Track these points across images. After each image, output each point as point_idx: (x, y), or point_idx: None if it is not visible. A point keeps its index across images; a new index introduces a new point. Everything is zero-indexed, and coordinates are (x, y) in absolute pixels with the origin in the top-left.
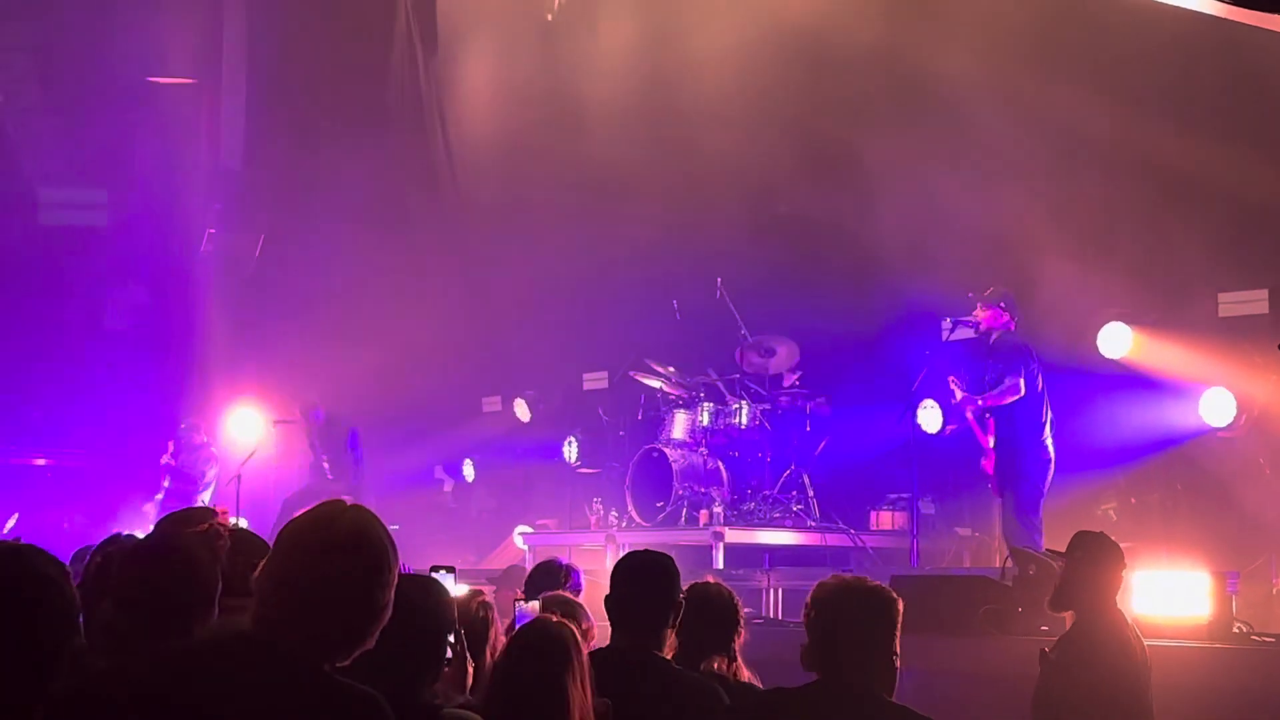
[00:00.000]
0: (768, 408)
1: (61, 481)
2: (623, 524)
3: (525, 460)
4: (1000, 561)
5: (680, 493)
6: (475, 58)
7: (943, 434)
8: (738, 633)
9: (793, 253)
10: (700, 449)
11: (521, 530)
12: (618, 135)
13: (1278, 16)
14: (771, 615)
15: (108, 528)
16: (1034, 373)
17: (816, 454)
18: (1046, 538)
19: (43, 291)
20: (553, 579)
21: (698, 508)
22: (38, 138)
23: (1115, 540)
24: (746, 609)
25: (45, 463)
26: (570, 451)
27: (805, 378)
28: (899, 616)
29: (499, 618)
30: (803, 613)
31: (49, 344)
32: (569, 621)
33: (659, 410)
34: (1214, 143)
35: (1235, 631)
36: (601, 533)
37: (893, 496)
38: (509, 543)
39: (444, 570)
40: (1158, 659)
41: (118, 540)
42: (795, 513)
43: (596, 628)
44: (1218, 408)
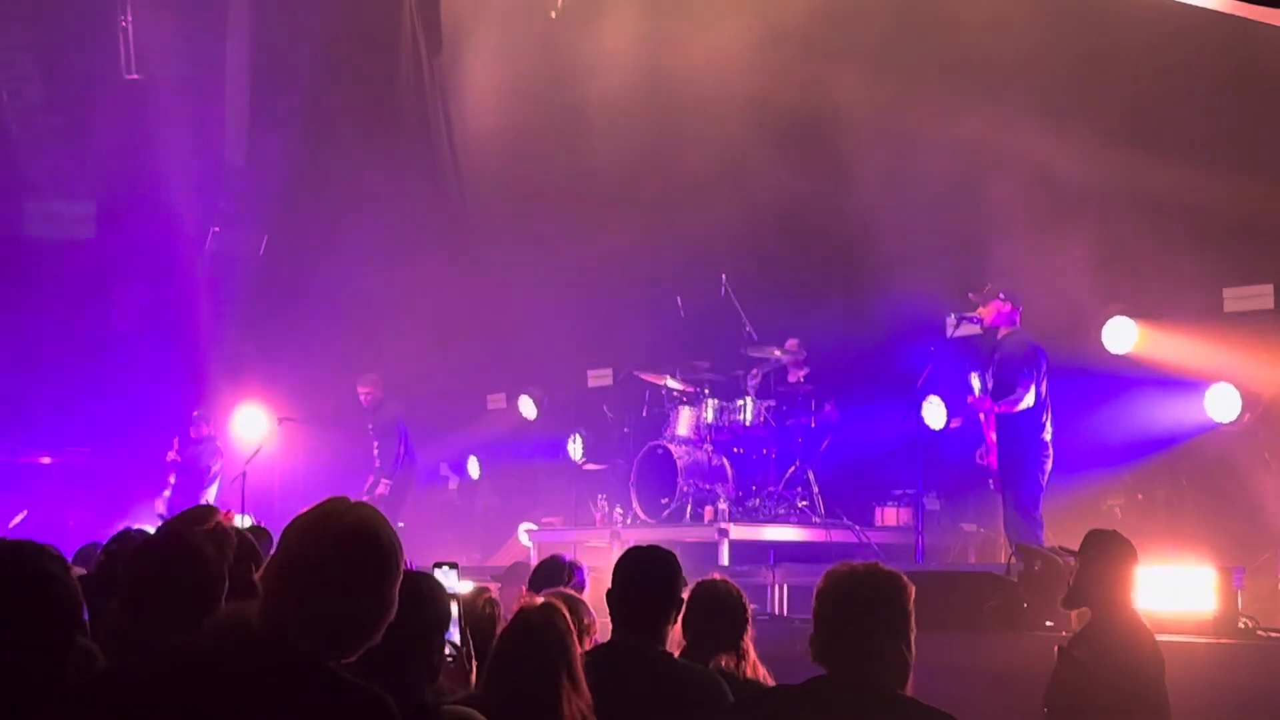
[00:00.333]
0: (772, 404)
1: (67, 479)
2: (627, 521)
3: (530, 457)
4: (1005, 557)
5: (685, 489)
6: (479, 55)
7: (947, 430)
8: (745, 630)
9: (796, 250)
10: (705, 445)
11: (526, 527)
12: (622, 132)
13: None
14: (777, 612)
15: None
16: (1042, 377)
17: (821, 450)
18: (1054, 534)
19: (47, 290)
20: (556, 575)
21: (702, 504)
22: (41, 136)
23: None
24: (752, 605)
25: (50, 461)
26: (575, 448)
27: (811, 374)
28: (912, 605)
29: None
30: (812, 603)
31: (54, 342)
32: (569, 615)
33: (664, 407)
34: (1218, 137)
35: (1241, 626)
36: (606, 529)
37: (898, 492)
38: (514, 540)
39: (447, 566)
40: (1163, 654)
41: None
42: (800, 509)
43: (599, 624)
44: (1223, 403)
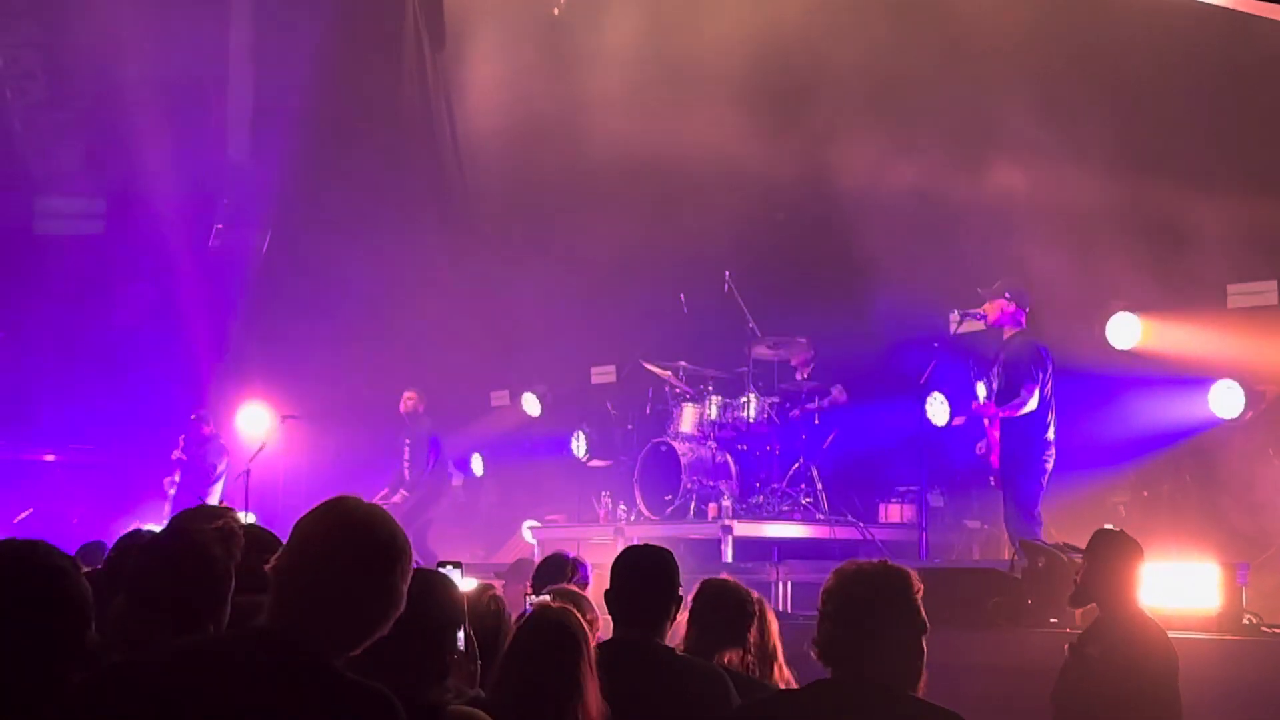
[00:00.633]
0: (776, 401)
1: (71, 477)
2: (631, 518)
3: (534, 455)
4: (1009, 554)
5: (689, 486)
6: (482, 52)
7: (951, 426)
8: (749, 627)
9: (799, 247)
10: (709, 442)
11: (530, 524)
12: (624, 129)
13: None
14: (781, 609)
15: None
16: (1047, 379)
17: (825, 447)
18: (1059, 532)
19: (51, 288)
20: (560, 573)
21: (706, 501)
22: (44, 134)
23: (1131, 535)
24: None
25: (54, 458)
26: (578, 445)
27: (815, 371)
28: (921, 603)
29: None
30: (819, 601)
31: (57, 340)
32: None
33: (667, 404)
34: (1222, 133)
35: (1245, 623)
36: (610, 526)
37: (901, 489)
38: (518, 537)
39: (451, 566)
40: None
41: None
42: (804, 506)
43: (602, 620)
44: (1227, 400)
